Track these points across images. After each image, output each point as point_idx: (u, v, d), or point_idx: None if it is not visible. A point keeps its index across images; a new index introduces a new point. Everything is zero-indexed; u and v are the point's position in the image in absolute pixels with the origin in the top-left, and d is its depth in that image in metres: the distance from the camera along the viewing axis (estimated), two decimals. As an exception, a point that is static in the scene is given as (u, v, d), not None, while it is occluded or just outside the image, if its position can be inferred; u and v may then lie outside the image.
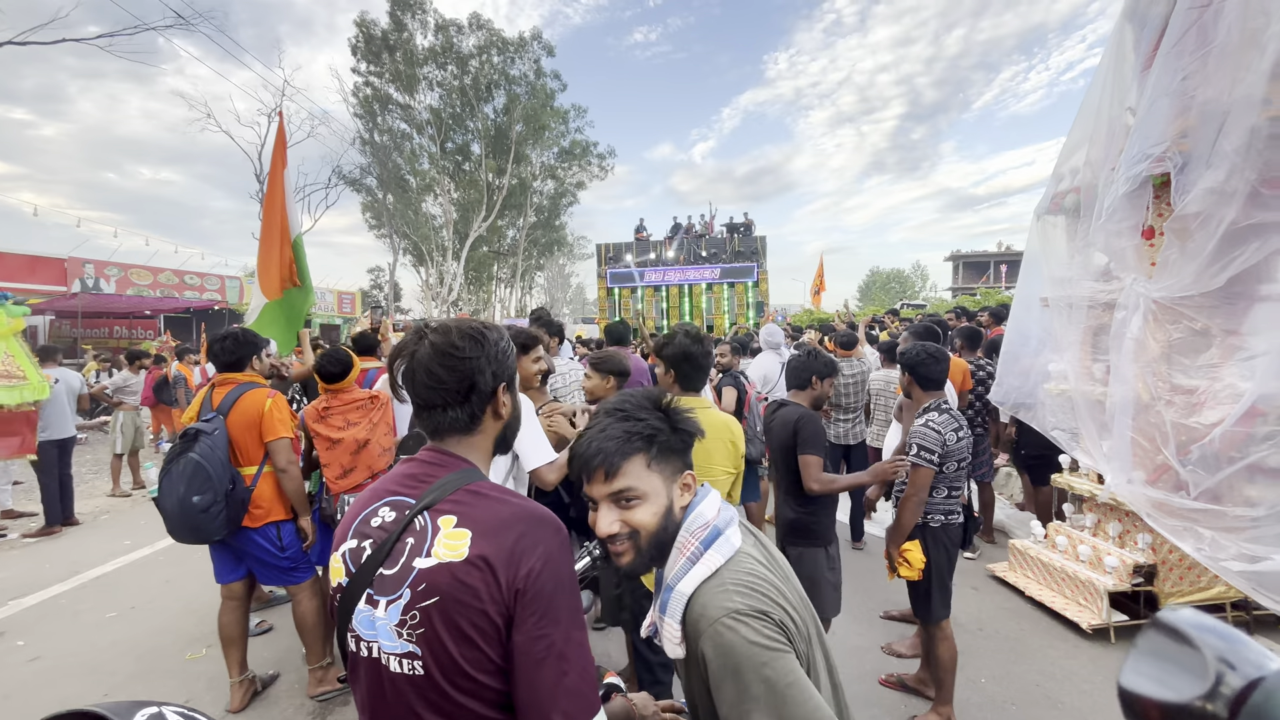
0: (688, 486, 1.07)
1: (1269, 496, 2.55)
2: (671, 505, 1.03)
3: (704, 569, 0.98)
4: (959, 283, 42.70)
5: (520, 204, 28.44)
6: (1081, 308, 3.40)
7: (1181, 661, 0.42)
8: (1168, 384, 2.88)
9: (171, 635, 3.58)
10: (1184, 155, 2.52)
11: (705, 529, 1.02)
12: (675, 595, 0.99)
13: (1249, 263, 2.44)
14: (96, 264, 17.75)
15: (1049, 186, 3.68)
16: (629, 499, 1.00)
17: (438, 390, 0.99)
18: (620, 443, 1.00)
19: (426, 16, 23.38)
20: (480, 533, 0.90)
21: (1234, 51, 2.40)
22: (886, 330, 8.35)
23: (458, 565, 0.88)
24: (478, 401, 1.02)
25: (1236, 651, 0.41)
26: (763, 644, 0.90)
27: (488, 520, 0.92)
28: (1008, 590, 3.87)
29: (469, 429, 1.02)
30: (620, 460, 0.99)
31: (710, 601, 0.94)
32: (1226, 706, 0.39)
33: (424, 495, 0.96)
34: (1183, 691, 0.41)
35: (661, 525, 1.01)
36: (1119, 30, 3.10)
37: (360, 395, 3.09)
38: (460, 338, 1.01)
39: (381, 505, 0.99)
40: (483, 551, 0.88)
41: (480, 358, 1.01)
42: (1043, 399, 3.75)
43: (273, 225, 3.95)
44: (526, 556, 0.89)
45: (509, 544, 0.89)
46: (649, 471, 1.02)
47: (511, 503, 0.96)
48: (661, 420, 1.05)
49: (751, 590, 0.95)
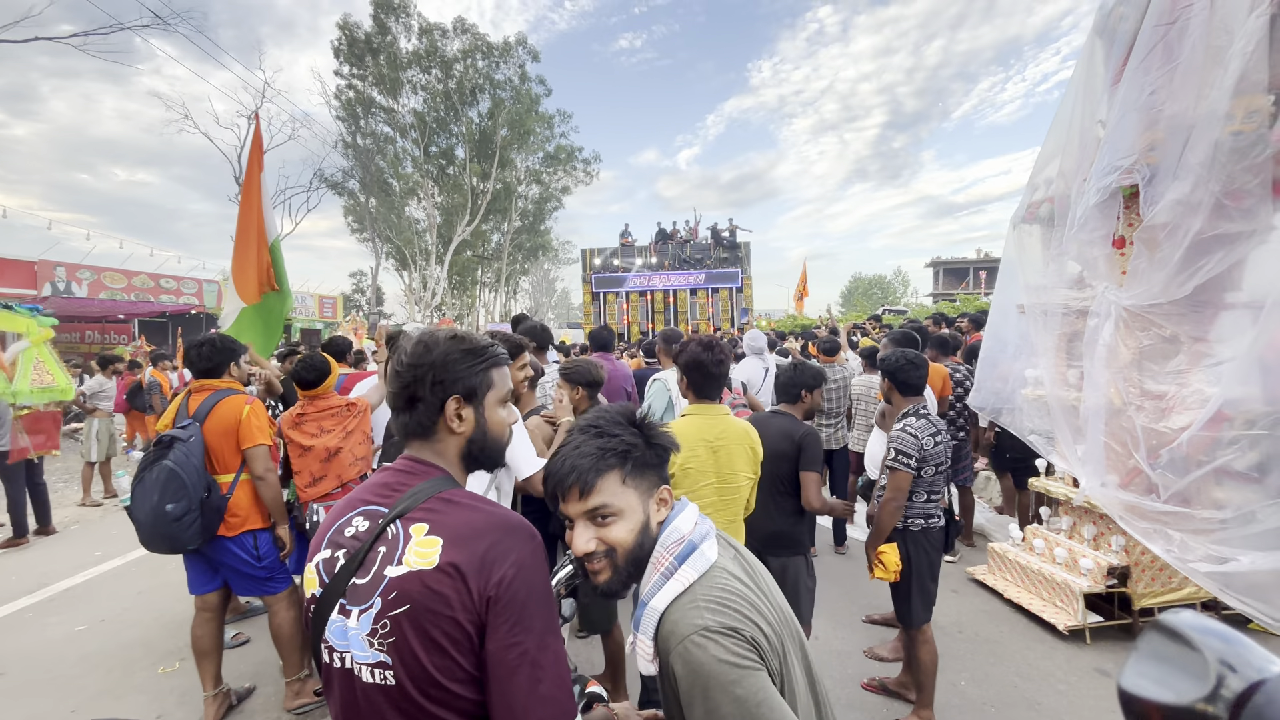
0: (664, 501, 1.06)
1: (1235, 499, 2.62)
2: (648, 521, 1.02)
3: (677, 584, 0.97)
4: (939, 288, 43.36)
5: (505, 208, 28.36)
6: (1056, 314, 3.47)
7: (1182, 664, 0.42)
8: (1138, 389, 2.95)
9: (143, 649, 3.49)
10: (1152, 167, 2.59)
11: (680, 544, 1.01)
12: (648, 611, 0.98)
13: (1214, 272, 2.51)
14: (68, 267, 17.33)
15: (1024, 196, 3.76)
16: (605, 516, 0.99)
17: (391, 394, 1.03)
18: (594, 459, 0.99)
19: (410, 20, 23.29)
20: (451, 540, 0.90)
21: (1198, 68, 2.48)
22: (868, 336, 8.45)
23: (428, 573, 0.87)
24: (424, 411, 1.00)
25: (1238, 654, 0.41)
26: (732, 662, 0.89)
27: (459, 528, 0.91)
28: (987, 593, 3.93)
29: (424, 434, 1.02)
30: (595, 477, 0.98)
31: (681, 618, 0.94)
32: (1227, 709, 0.39)
33: (397, 503, 0.95)
34: (1184, 694, 0.41)
35: (638, 542, 1.00)
36: (1090, 45, 3.19)
37: (337, 402, 3.05)
38: (414, 345, 1.02)
39: (355, 515, 0.98)
40: (454, 559, 0.88)
41: (423, 366, 0.99)
42: (1020, 404, 3.83)
43: (249, 229, 3.89)
44: (498, 564, 0.88)
45: (480, 551, 0.89)
46: (624, 488, 1.01)
47: (484, 510, 0.95)
48: (636, 436, 1.04)
49: (723, 606, 0.94)
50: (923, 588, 2.66)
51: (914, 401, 2.68)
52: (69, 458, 8.75)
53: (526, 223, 31.34)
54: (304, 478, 2.88)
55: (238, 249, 3.94)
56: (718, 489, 2.11)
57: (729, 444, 2.12)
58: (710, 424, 2.14)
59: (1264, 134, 2.24)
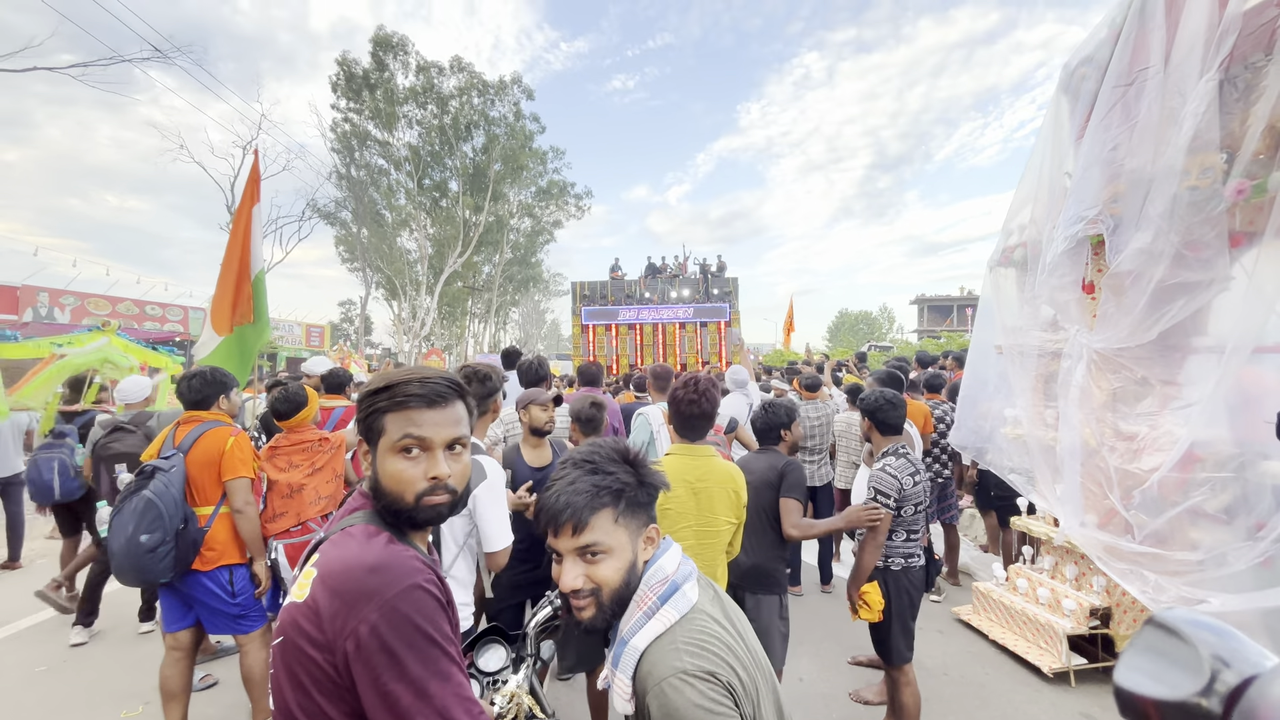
0: (651, 540, 1.06)
1: (1208, 540, 2.66)
2: (635, 560, 1.03)
3: (658, 625, 0.98)
4: (924, 325, 44.07)
5: (497, 241, 28.63)
6: (1032, 356, 3.57)
7: (1177, 658, 0.42)
8: (1112, 430, 3.02)
9: (106, 690, 3.35)
10: (1115, 218, 2.71)
11: (664, 583, 1.01)
12: (629, 650, 0.98)
13: (1178, 318, 2.61)
14: (51, 292, 17.18)
15: (999, 240, 3.90)
16: (595, 553, 0.99)
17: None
18: (589, 497, 0.99)
19: (408, 58, 23.85)
20: (322, 575, 0.88)
21: (1155, 126, 2.63)
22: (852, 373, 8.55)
23: (298, 606, 0.87)
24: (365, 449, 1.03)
25: (1232, 649, 0.41)
26: (707, 707, 0.90)
27: (332, 563, 0.89)
28: (972, 633, 3.91)
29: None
30: (589, 515, 0.99)
31: (660, 660, 0.94)
32: (1221, 703, 0.39)
33: (326, 530, 0.98)
34: (1178, 688, 0.41)
35: (625, 581, 1.01)
36: (1056, 101, 3.37)
37: (310, 437, 3.03)
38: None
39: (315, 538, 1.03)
40: (316, 595, 0.86)
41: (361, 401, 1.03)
42: (1000, 443, 3.88)
43: (233, 260, 3.94)
44: (359, 606, 0.84)
45: (342, 590, 0.85)
46: (616, 526, 1.01)
47: (361, 545, 0.91)
48: (630, 474, 1.05)
49: (702, 650, 0.95)
50: (903, 626, 2.65)
51: (893, 441, 2.72)
52: (40, 488, 8.48)
53: (518, 255, 31.62)
54: (266, 511, 2.85)
55: (220, 279, 3.97)
56: (696, 532, 2.09)
57: (710, 486, 2.10)
58: (693, 464, 2.13)
59: (1218, 189, 2.36)
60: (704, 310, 18.69)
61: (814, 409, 4.89)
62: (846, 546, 5.47)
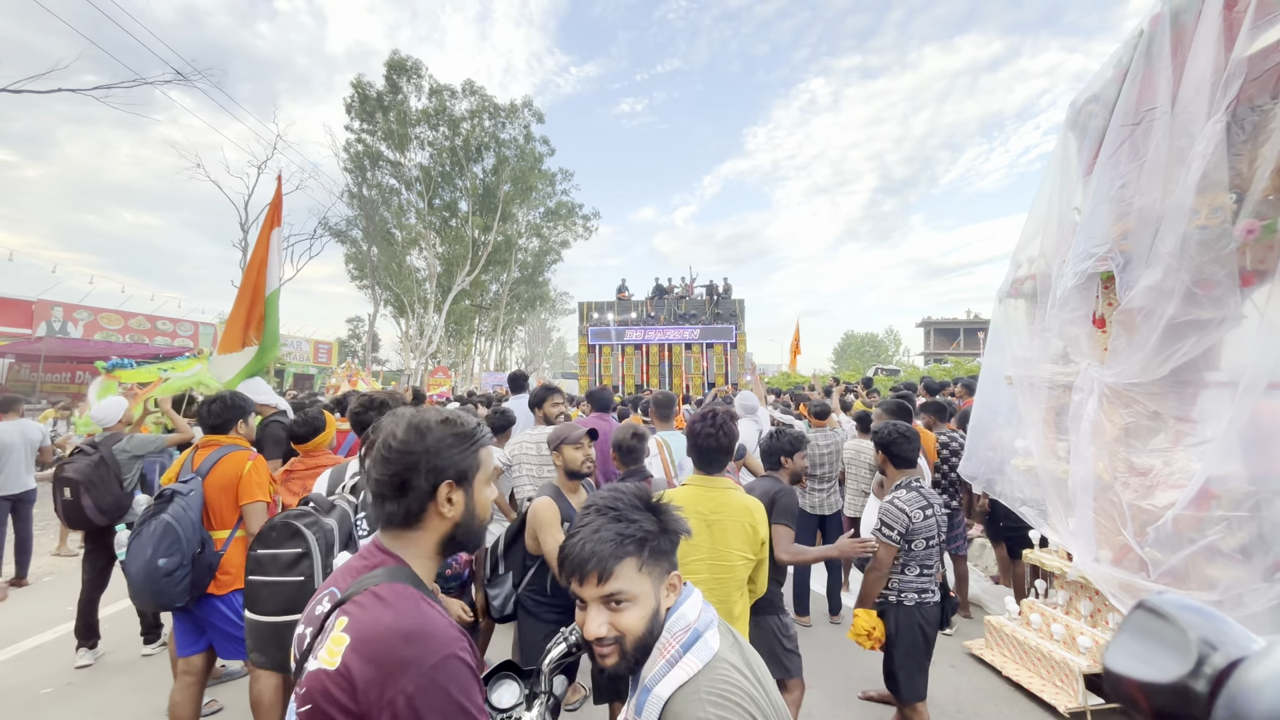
0: (674, 587, 1.08)
1: (1224, 579, 2.63)
2: (658, 608, 1.04)
3: (682, 673, 0.98)
4: (930, 348, 43.97)
5: (505, 260, 28.92)
6: (1043, 387, 3.56)
7: (1166, 641, 0.43)
8: (1125, 465, 3.01)
9: (112, 714, 3.33)
10: (1125, 255, 2.74)
11: (686, 631, 1.02)
12: (652, 699, 0.99)
13: (1190, 354, 2.62)
14: (66, 307, 17.41)
15: (1009, 272, 3.92)
16: (619, 602, 1.01)
17: (377, 481, 0.97)
18: (614, 545, 1.01)
19: (422, 81, 24.38)
20: (355, 641, 0.85)
21: (1163, 165, 2.67)
22: (860, 399, 8.53)
23: (329, 674, 0.84)
24: (414, 498, 0.97)
25: (1220, 632, 0.42)
26: None
27: (365, 629, 0.86)
28: (985, 669, 3.84)
29: (405, 524, 0.99)
30: (614, 564, 1.00)
31: (684, 710, 0.95)
32: (1209, 685, 0.39)
33: (347, 591, 0.92)
34: (1166, 670, 0.42)
35: (648, 630, 1.02)
36: (1063, 138, 3.42)
37: (326, 461, 3.05)
38: (406, 430, 0.98)
39: (325, 594, 0.98)
40: (349, 664, 0.83)
41: (419, 454, 0.97)
42: (1010, 474, 3.86)
43: (249, 281, 4.03)
44: (395, 677, 0.82)
45: (378, 659, 0.83)
46: (640, 575, 1.02)
47: (398, 611, 0.88)
48: (652, 521, 1.06)
49: (725, 700, 0.96)
50: (916, 663, 2.63)
51: (907, 474, 2.72)
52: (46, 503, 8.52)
53: (525, 274, 31.90)
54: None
55: (236, 300, 4.07)
56: (710, 565, 2.07)
57: (724, 519, 2.08)
58: (708, 496, 2.13)
59: (1227, 229, 2.39)
60: (710, 331, 18.75)
61: (823, 436, 4.88)
62: (856, 576, 5.41)
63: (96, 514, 3.59)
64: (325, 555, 2.02)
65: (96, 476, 3.60)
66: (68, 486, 3.58)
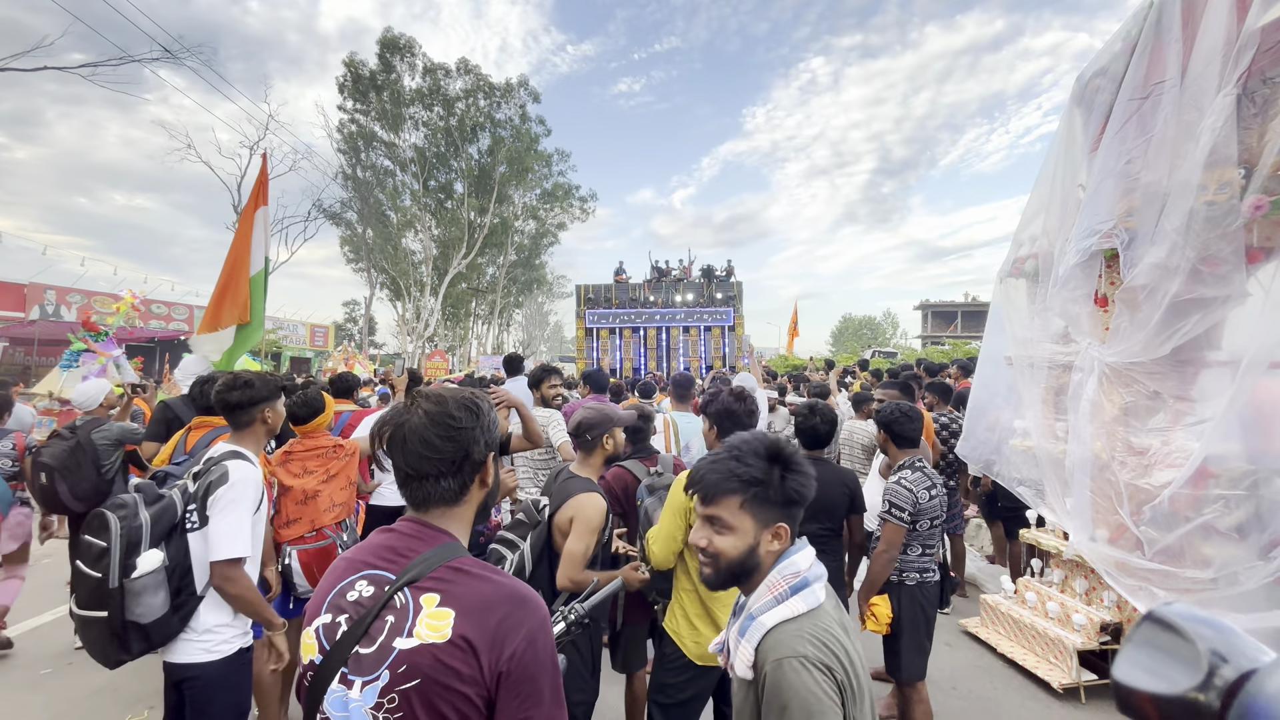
0: (779, 536, 1.15)
1: (1219, 557, 2.64)
2: (757, 546, 1.14)
3: (787, 610, 1.08)
4: (928, 331, 43.98)
5: (501, 242, 28.68)
6: (1042, 368, 3.55)
7: (1175, 653, 0.42)
8: (1123, 444, 3.00)
9: (111, 694, 3.35)
10: (1130, 232, 2.70)
11: (795, 577, 1.12)
12: (756, 625, 1.10)
13: (1192, 333, 2.59)
14: (59, 290, 17.26)
15: (1010, 251, 3.88)
16: (718, 526, 1.14)
17: (431, 460, 0.97)
18: (721, 479, 1.14)
19: (415, 60, 23.94)
20: (463, 612, 0.89)
21: (1171, 140, 2.62)
22: (859, 381, 8.52)
23: (441, 646, 0.87)
24: (469, 471, 1.01)
25: (1230, 644, 0.41)
26: (816, 694, 1.00)
27: (471, 600, 0.91)
28: (980, 646, 3.88)
29: (456, 499, 1.02)
30: (714, 494, 1.14)
31: (785, 641, 1.05)
32: (1219, 697, 0.39)
33: (405, 570, 0.93)
34: (1176, 683, 0.41)
35: (741, 559, 1.13)
36: (1069, 113, 3.36)
37: (325, 443, 3.01)
38: (457, 408, 1.01)
39: (359, 579, 0.96)
40: (466, 633, 0.87)
41: (476, 428, 1.01)
42: (1008, 454, 3.86)
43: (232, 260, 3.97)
44: (510, 638, 0.88)
45: (492, 625, 0.89)
46: (741, 511, 1.13)
47: (495, 581, 0.95)
48: (768, 472, 1.14)
49: (824, 645, 1.05)
50: (916, 643, 2.64)
51: (910, 453, 2.71)
52: (45, 486, 8.50)
53: (522, 257, 31.69)
54: (280, 517, 2.83)
55: (219, 280, 4.00)
56: None
57: None
58: None
59: (1235, 205, 2.35)
60: (708, 314, 18.69)
61: (821, 417, 4.86)
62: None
63: (72, 500, 3.47)
64: (125, 554, 1.75)
65: (72, 462, 3.46)
66: (43, 472, 3.49)
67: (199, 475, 1.88)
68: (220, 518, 1.80)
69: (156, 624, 1.74)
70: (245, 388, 2.01)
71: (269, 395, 2.07)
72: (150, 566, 1.73)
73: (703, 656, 2.03)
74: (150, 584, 1.72)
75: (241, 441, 1.99)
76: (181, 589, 1.79)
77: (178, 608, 1.78)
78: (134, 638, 1.73)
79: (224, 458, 1.88)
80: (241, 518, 1.82)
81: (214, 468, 1.85)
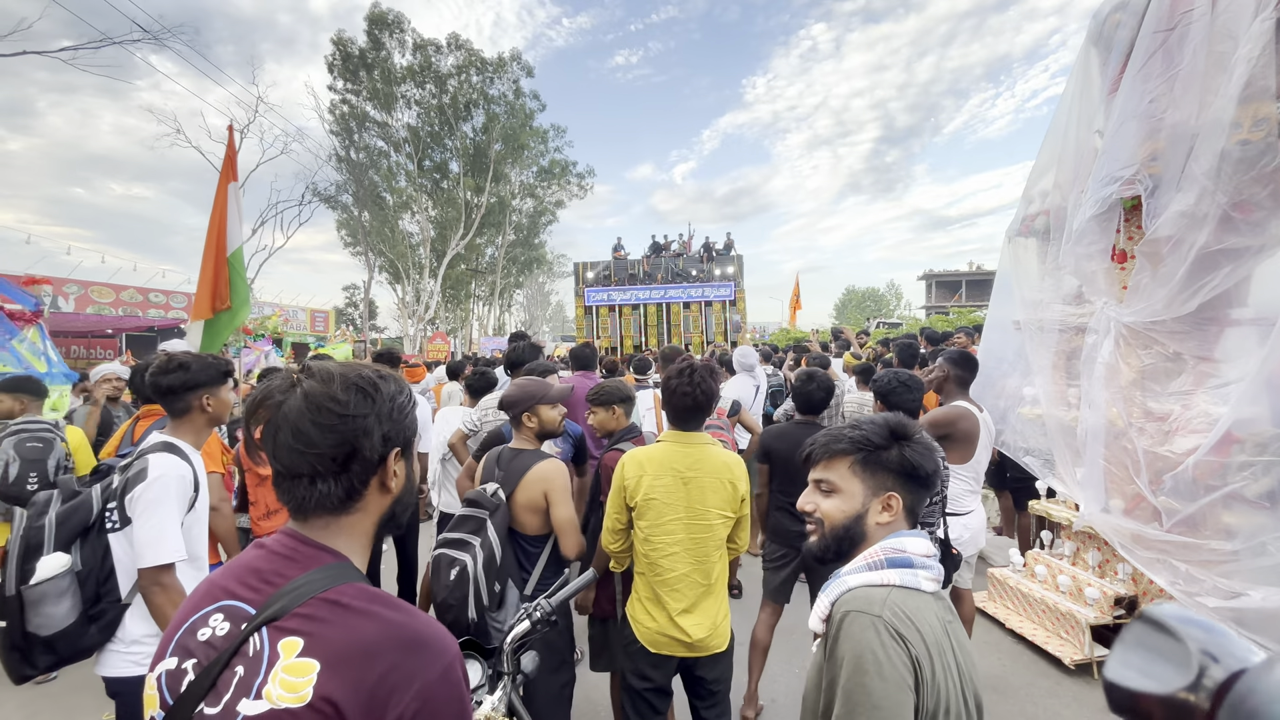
0: (889, 507, 1.10)
1: (1246, 526, 2.47)
2: (864, 513, 1.10)
3: (876, 577, 1.02)
4: (932, 301, 43.48)
5: (499, 222, 28.30)
6: (1053, 331, 3.34)
7: (1166, 653, 0.43)
8: (1140, 410, 2.81)
9: (91, 692, 3.27)
10: (1154, 178, 2.47)
11: (898, 553, 1.04)
12: (839, 580, 1.05)
13: (1220, 288, 2.38)
14: (55, 281, 17.14)
15: (1019, 209, 3.65)
16: (827, 489, 1.13)
17: (305, 455, 0.76)
18: (831, 440, 1.14)
19: (405, 36, 23.34)
20: (331, 664, 0.68)
21: (1201, 75, 2.38)
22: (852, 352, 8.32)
23: (299, 713, 0.66)
24: (359, 472, 0.79)
25: (1220, 644, 0.41)
26: (882, 658, 0.92)
27: (343, 646, 0.69)
28: (988, 622, 3.75)
29: (343, 507, 0.80)
30: (824, 455, 1.14)
31: (864, 597, 0.99)
32: (1209, 698, 0.39)
33: (267, 603, 0.72)
34: (1167, 683, 0.41)
35: (845, 525, 1.09)
36: (1084, 54, 3.09)
37: None
38: (344, 388, 0.78)
39: (214, 611, 0.75)
40: (331, 694, 0.66)
41: (368, 416, 0.78)
42: (1016, 423, 3.68)
43: (211, 242, 3.77)
44: (395, 698, 0.67)
45: (371, 681, 0.68)
46: (850, 474, 1.11)
47: (383, 619, 0.72)
48: (886, 439, 1.11)
49: (906, 620, 0.96)
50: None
51: (908, 425, 2.54)
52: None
53: (520, 236, 31.28)
54: (259, 509, 2.70)
55: (201, 265, 3.81)
56: (686, 524, 1.94)
57: (701, 476, 1.95)
58: (684, 453, 1.97)
59: (1273, 142, 2.12)
60: (709, 289, 18.41)
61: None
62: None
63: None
64: (22, 559, 1.55)
65: None
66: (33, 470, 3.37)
67: (124, 469, 1.68)
68: (142, 520, 1.59)
69: (61, 635, 1.54)
70: (180, 370, 1.77)
71: (208, 380, 1.81)
72: (50, 572, 1.52)
73: (655, 643, 1.95)
74: (50, 592, 1.52)
75: (178, 431, 1.79)
76: (100, 596, 1.61)
77: (96, 617, 1.60)
78: (38, 651, 1.53)
79: (149, 450, 1.68)
80: (165, 519, 1.60)
81: (135, 462, 1.65)
